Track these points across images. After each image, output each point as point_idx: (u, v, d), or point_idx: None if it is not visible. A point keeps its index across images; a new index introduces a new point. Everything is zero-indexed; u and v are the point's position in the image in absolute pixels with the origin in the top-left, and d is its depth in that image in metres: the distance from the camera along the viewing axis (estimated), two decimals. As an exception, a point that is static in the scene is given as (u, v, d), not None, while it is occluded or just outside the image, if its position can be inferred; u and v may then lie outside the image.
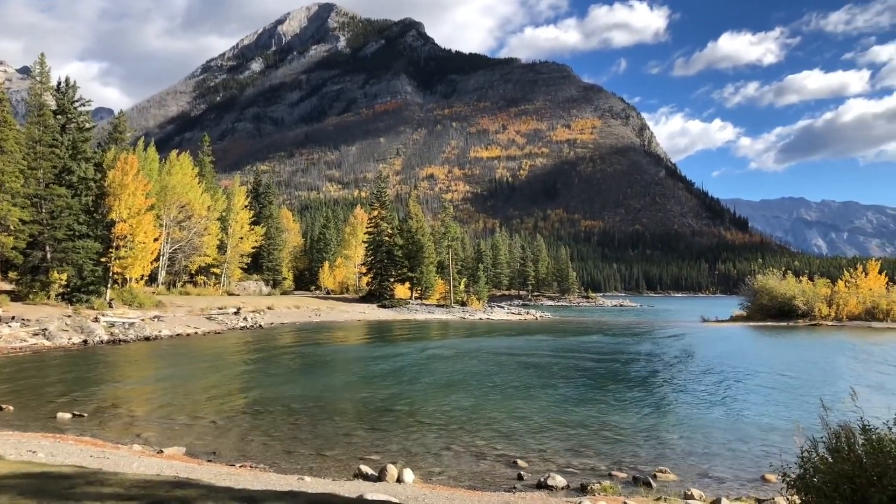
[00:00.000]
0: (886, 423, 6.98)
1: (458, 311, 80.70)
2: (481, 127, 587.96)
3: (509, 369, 29.58)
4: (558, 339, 48.63)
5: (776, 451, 13.91)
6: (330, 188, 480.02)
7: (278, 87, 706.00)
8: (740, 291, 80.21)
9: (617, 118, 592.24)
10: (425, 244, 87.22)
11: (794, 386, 25.15)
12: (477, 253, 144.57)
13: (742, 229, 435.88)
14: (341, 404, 20.31)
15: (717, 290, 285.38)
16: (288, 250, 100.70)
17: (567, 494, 11.19)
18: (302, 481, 10.84)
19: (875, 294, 67.29)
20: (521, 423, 17.61)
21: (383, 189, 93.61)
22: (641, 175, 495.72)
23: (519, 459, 13.60)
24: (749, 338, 52.87)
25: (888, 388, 24.15)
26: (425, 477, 12.34)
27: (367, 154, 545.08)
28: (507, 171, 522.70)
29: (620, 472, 12.82)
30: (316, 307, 71.00)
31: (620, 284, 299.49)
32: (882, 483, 6.19)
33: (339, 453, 14.22)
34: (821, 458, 6.91)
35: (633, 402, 21.49)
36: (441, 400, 21.13)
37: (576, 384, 25.34)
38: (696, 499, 10.41)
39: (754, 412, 19.75)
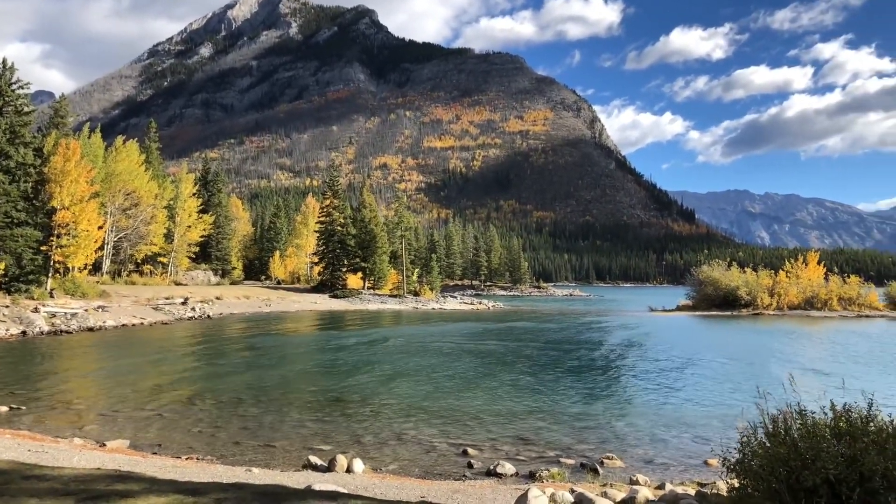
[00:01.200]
0: (822, 407, 7.23)
1: (410, 301, 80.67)
2: (435, 117, 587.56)
3: (461, 359, 29.70)
4: (509, 329, 49.03)
5: (719, 436, 14.29)
6: (281, 176, 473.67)
7: (228, 72, 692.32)
8: (686, 282, 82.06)
9: (569, 110, 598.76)
10: (378, 234, 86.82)
11: (737, 373, 25.88)
12: (430, 243, 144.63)
13: (689, 221, 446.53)
14: (291, 395, 20.10)
15: (665, 281, 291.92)
16: (237, 239, 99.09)
17: (516, 481, 11.31)
18: (249, 473, 10.70)
19: (814, 284, 69.70)
20: (472, 411, 17.70)
21: (336, 178, 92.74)
22: (592, 167, 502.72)
23: (469, 448, 13.67)
24: (694, 327, 54.20)
25: (825, 374, 25.04)
26: (376, 467, 12.31)
27: (319, 142, 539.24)
28: (461, 161, 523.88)
29: (568, 459, 13.01)
30: (266, 297, 70.07)
31: (571, 274, 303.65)
32: (815, 466, 6.40)
33: (288, 444, 14.06)
34: (759, 442, 7.12)
35: (581, 389, 21.81)
36: (392, 390, 21.10)
37: (526, 372, 25.59)
38: (641, 484, 10.62)
39: (699, 399, 20.25)
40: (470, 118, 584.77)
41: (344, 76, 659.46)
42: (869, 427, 6.76)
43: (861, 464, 6.35)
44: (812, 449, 6.59)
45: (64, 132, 59.23)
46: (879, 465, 6.28)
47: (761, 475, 6.89)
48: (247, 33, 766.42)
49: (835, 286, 69.44)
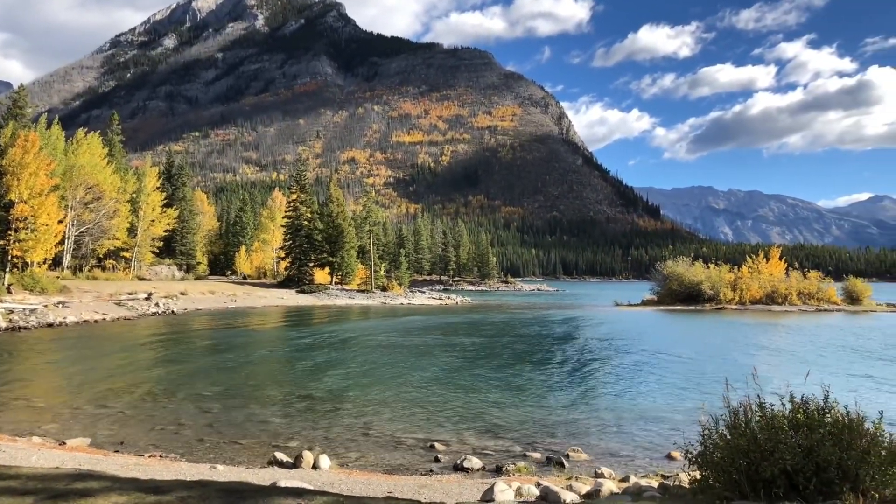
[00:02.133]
0: (781, 400, 7.40)
1: (378, 296, 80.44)
2: (403, 111, 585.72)
3: (428, 354, 29.73)
4: (477, 323, 49.19)
5: (683, 429, 14.54)
6: (247, 170, 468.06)
7: (193, 64, 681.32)
8: (651, 277, 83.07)
9: (536, 106, 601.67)
10: (346, 229, 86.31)
11: (700, 367, 26.31)
12: (399, 238, 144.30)
13: (654, 217, 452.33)
14: (257, 391, 19.92)
15: (630, 276, 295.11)
16: (202, 234, 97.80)
17: (483, 476, 11.38)
18: (214, 470, 10.59)
19: (775, 279, 71.14)
20: (440, 406, 17.75)
21: (303, 172, 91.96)
22: (559, 163, 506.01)
23: (436, 443, 13.71)
24: (659, 321, 54.97)
25: (785, 367, 25.61)
26: (342, 463, 12.27)
27: (285, 136, 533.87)
28: (430, 156, 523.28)
29: (535, 453, 13.11)
30: (232, 293, 69.26)
31: (539, 269, 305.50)
32: (774, 457, 6.55)
33: (254, 441, 13.94)
34: (720, 435, 7.26)
35: (548, 383, 21.99)
36: (360, 385, 21.04)
37: (494, 367, 25.72)
38: (606, 477, 10.76)
39: (663, 392, 20.55)
40: (438, 113, 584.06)
41: (311, 69, 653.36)
42: (825, 419, 6.93)
43: (817, 454, 6.51)
44: (771, 440, 6.73)
45: (22, 123, 57.82)
46: (835, 455, 6.45)
47: (722, 467, 7.02)
48: (212, 25, 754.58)
49: (795, 281, 70.99)
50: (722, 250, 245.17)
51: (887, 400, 19.29)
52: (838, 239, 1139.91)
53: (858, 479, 6.46)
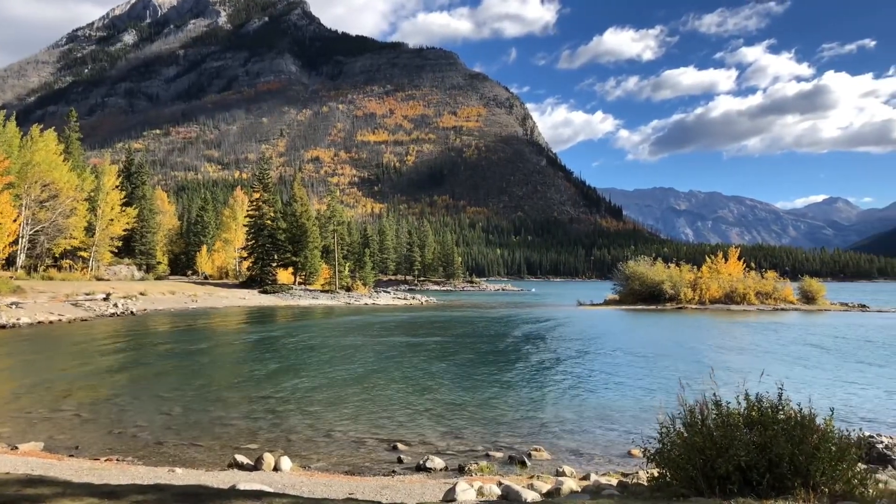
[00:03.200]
0: (737, 397, 7.55)
1: (343, 296, 79.97)
2: (368, 110, 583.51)
3: (392, 354, 29.65)
4: (442, 323, 49.22)
5: (643, 427, 14.74)
6: (209, 169, 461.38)
7: (153, 61, 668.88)
8: (614, 276, 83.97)
9: (501, 107, 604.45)
10: (310, 228, 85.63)
11: (661, 365, 26.69)
12: (363, 238, 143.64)
13: (617, 217, 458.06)
14: (218, 393, 19.64)
15: (594, 275, 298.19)
16: (163, 233, 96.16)
17: (445, 476, 11.38)
18: (172, 473, 10.43)
19: (734, 279, 72.51)
20: (403, 406, 17.71)
21: (266, 171, 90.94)
22: (524, 164, 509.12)
23: (399, 443, 13.68)
24: (621, 320, 55.63)
25: (742, 366, 26.11)
26: (304, 464, 12.18)
27: (248, 134, 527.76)
28: (395, 155, 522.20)
29: (497, 453, 13.16)
30: (193, 293, 68.20)
31: (503, 269, 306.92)
32: (729, 454, 6.69)
33: (214, 443, 13.74)
34: (678, 432, 7.39)
35: (511, 383, 22.10)
36: (323, 386, 20.89)
37: (457, 366, 25.75)
38: (567, 475, 10.85)
39: (625, 391, 20.79)
40: (404, 112, 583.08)
41: (275, 67, 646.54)
42: (778, 416, 7.10)
43: (770, 451, 6.67)
44: (726, 437, 6.88)
45: (-26, 119, 56.18)
46: (787, 451, 6.61)
47: (679, 464, 7.15)
48: (173, 21, 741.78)
49: (752, 281, 72.45)
50: (683, 250, 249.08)
51: (838, 397, 19.82)
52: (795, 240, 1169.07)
53: (809, 475, 6.64)
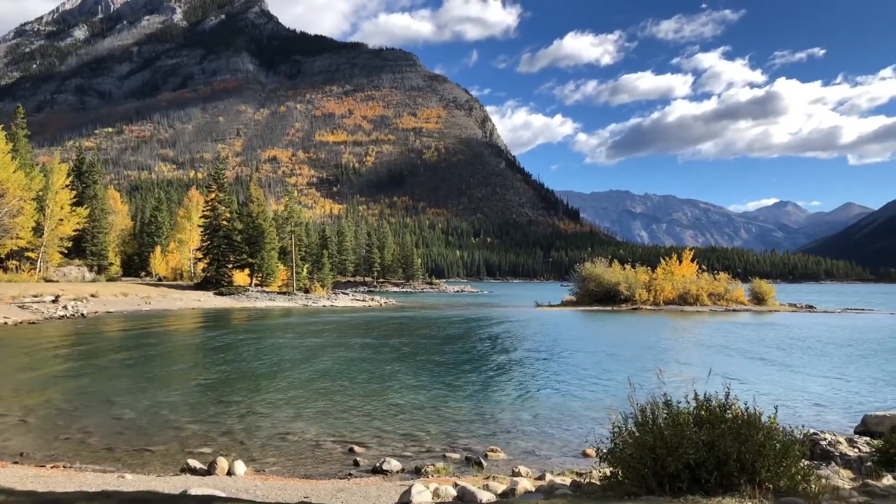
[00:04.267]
0: (686, 397, 7.71)
1: (300, 298, 79.19)
2: (327, 110, 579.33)
3: (350, 355, 29.48)
4: (400, 325, 49.13)
5: (598, 426, 14.93)
6: (163, 168, 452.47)
7: (105, 58, 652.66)
8: (570, 278, 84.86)
9: (461, 109, 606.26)
10: (267, 229, 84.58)
11: (616, 365, 27.08)
12: (322, 239, 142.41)
13: (574, 220, 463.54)
14: (171, 396, 19.26)
15: (551, 277, 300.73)
16: (115, 234, 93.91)
17: (402, 478, 11.37)
18: (122, 479, 10.21)
19: (687, 281, 73.99)
20: (360, 409, 17.63)
21: (222, 170, 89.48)
22: (483, 166, 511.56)
23: (356, 446, 13.61)
24: (577, 321, 56.27)
25: (694, 365, 26.65)
26: (259, 468, 12.03)
27: (204, 133, 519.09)
28: (354, 156, 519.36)
29: (454, 454, 13.19)
30: (146, 295, 66.80)
31: (463, 271, 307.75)
32: (678, 452, 6.82)
33: (166, 448, 13.48)
34: (629, 432, 7.51)
35: (468, 384, 22.17)
36: (278, 388, 20.67)
37: (415, 368, 25.73)
38: (523, 476, 10.94)
39: (581, 391, 21.04)
40: (363, 113, 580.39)
41: (231, 66, 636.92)
42: (726, 414, 7.27)
43: (718, 449, 6.82)
44: (676, 436, 7.01)
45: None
46: (734, 449, 6.77)
47: (630, 463, 7.27)
48: (126, 17, 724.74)
49: (705, 283, 74.03)
50: (638, 252, 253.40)
51: (784, 395, 20.39)
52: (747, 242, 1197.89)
53: (755, 472, 6.81)
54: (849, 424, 15.62)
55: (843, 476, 9.25)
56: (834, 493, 7.12)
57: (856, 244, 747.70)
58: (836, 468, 10.02)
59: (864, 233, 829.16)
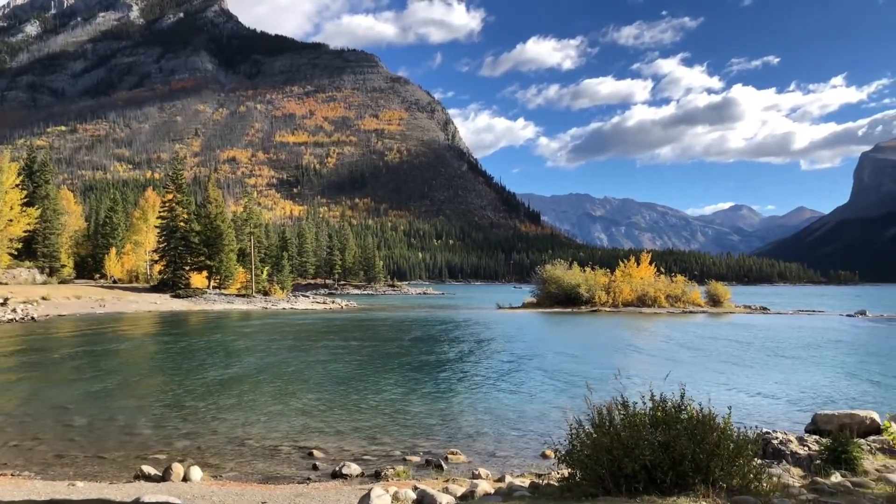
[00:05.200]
0: (643, 398, 7.81)
1: (259, 300, 78.26)
2: (287, 111, 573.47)
3: (310, 358, 29.22)
4: (361, 327, 48.87)
5: (558, 428, 15.04)
6: (119, 168, 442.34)
7: (59, 55, 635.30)
8: (532, 280, 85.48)
9: (423, 111, 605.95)
10: (225, 231, 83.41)
11: (576, 367, 27.34)
12: (282, 240, 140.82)
13: (535, 222, 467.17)
14: (125, 402, 18.84)
15: (513, 279, 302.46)
16: (68, 235, 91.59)
17: (361, 482, 11.29)
18: (73, 487, 9.94)
19: (645, 283, 75.15)
20: (320, 412, 17.48)
21: (179, 171, 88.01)
22: (446, 168, 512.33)
23: (315, 450, 13.48)
24: (538, 323, 56.69)
25: (651, 367, 27.08)
26: (215, 474, 11.83)
27: (161, 133, 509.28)
28: (315, 157, 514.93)
29: (414, 457, 13.16)
30: (100, 297, 65.31)
31: (425, 273, 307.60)
32: (635, 453, 6.91)
33: (120, 454, 13.18)
34: (587, 433, 7.58)
35: (429, 386, 22.15)
36: (236, 393, 20.37)
37: (376, 371, 25.61)
38: (482, 478, 10.95)
39: (540, 392, 21.19)
40: (324, 114, 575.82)
41: (190, 65, 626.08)
42: (681, 415, 7.39)
43: (674, 449, 6.93)
44: (633, 438, 7.10)
45: None
46: (689, 449, 6.89)
47: (588, 464, 7.33)
48: (81, 13, 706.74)
49: (663, 285, 75.28)
50: (598, 255, 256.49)
51: (738, 395, 20.82)
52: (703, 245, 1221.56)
53: (709, 471, 6.93)
54: (800, 423, 16.01)
55: (794, 474, 9.47)
56: (784, 491, 7.28)
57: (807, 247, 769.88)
58: (787, 466, 10.25)
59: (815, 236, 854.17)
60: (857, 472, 9.54)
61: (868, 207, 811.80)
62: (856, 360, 30.57)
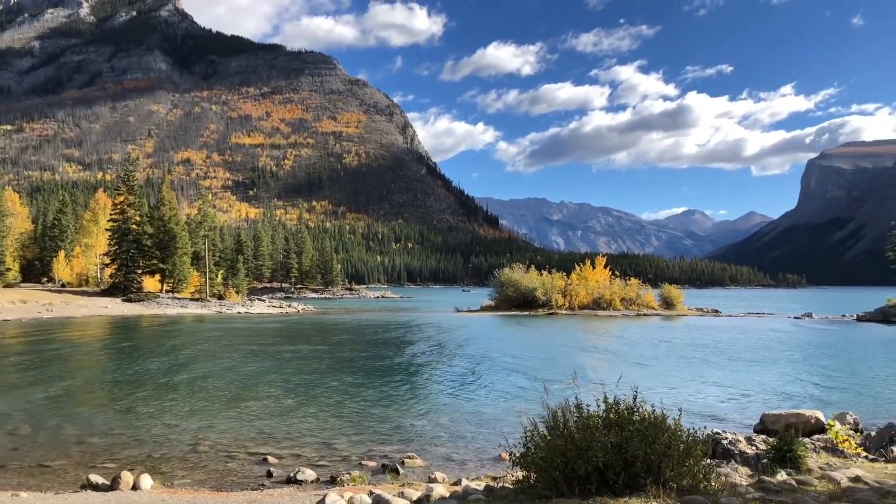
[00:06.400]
0: (597, 400, 7.90)
1: (214, 304, 76.99)
2: (243, 112, 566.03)
3: (264, 364, 28.85)
4: (318, 331, 48.48)
5: (514, 431, 15.11)
6: (68, 169, 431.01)
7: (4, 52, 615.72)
8: (490, 283, 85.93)
9: (381, 114, 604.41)
10: (179, 233, 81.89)
11: (532, 369, 27.54)
12: (237, 244, 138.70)
13: (493, 226, 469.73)
14: (72, 409, 18.33)
15: (471, 282, 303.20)
16: (14, 237, 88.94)
17: (316, 488, 11.19)
18: (16, 498, 9.64)
19: (601, 286, 76.19)
20: (275, 418, 17.26)
21: (131, 172, 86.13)
22: (404, 171, 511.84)
23: (270, 456, 13.31)
24: (496, 326, 56.98)
25: (605, 368, 27.46)
26: (166, 482, 11.59)
27: (113, 133, 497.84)
28: (272, 159, 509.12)
29: (371, 462, 13.08)
30: (48, 301, 63.49)
31: (384, 276, 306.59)
32: (588, 455, 6.99)
33: (66, 463, 12.82)
34: (541, 436, 7.63)
35: (386, 390, 22.07)
36: (189, 398, 20.00)
37: (333, 375, 25.42)
38: (439, 482, 10.95)
39: (498, 395, 21.29)
40: (281, 116, 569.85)
41: (143, 64, 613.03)
42: (634, 417, 7.50)
43: (626, 451, 7.02)
44: (586, 439, 7.18)
45: None
46: (641, 451, 6.99)
47: (542, 466, 7.39)
48: (28, 10, 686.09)
49: (618, 288, 76.41)
50: (555, 258, 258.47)
51: (689, 396, 21.24)
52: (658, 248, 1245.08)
53: (660, 472, 7.05)
54: (749, 423, 16.40)
55: (742, 473, 9.70)
56: (732, 490, 7.45)
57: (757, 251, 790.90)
58: (736, 466, 10.49)
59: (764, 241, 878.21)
60: (802, 470, 9.83)
61: (815, 213, 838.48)
62: (803, 361, 31.48)
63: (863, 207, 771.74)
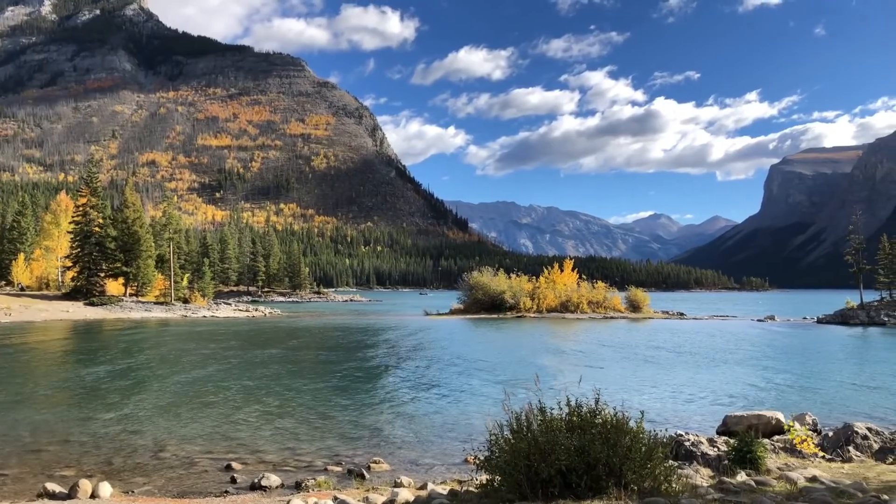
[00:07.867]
0: (559, 403, 7.95)
1: (179, 308, 75.83)
2: (210, 114, 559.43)
3: (229, 368, 28.50)
4: (284, 335, 48.05)
5: (480, 434, 15.13)
6: (28, 170, 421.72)
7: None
8: (459, 286, 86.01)
9: (351, 117, 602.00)
10: (143, 236, 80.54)
11: (499, 372, 27.63)
12: (203, 247, 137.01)
13: (463, 229, 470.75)
14: (30, 415, 17.90)
15: (441, 286, 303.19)
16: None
17: (281, 493, 11.07)
18: (-32, 509, 9.38)
19: (568, 289, 76.71)
20: (239, 423, 17.06)
21: (94, 174, 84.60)
22: (374, 174, 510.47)
23: (234, 462, 13.14)
24: (464, 329, 57.08)
25: (571, 371, 27.62)
26: (126, 489, 11.37)
27: (76, 134, 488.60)
28: (239, 161, 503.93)
29: (336, 466, 13.00)
30: (5, 306, 61.96)
31: (353, 280, 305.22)
32: (550, 458, 7.03)
33: (23, 471, 12.52)
34: (505, 439, 7.66)
35: (353, 395, 21.96)
36: (151, 405, 19.66)
37: (297, 379, 25.22)
38: (405, 486, 10.92)
39: (465, 399, 21.31)
40: (248, 117, 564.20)
41: (107, 64, 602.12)
42: (596, 420, 7.56)
43: (588, 454, 7.08)
44: (549, 443, 7.22)
45: None
46: (603, 454, 7.05)
47: (506, 470, 7.41)
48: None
49: (585, 291, 77.03)
50: (523, 262, 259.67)
51: (653, 397, 21.50)
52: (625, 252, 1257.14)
53: (622, 474, 7.12)
54: (712, 425, 16.64)
55: (703, 474, 9.84)
56: (693, 491, 7.55)
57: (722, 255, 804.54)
58: (698, 467, 10.64)
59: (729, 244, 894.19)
60: (761, 470, 10.00)
61: (777, 217, 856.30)
62: (765, 363, 32.06)
63: (823, 212, 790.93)
